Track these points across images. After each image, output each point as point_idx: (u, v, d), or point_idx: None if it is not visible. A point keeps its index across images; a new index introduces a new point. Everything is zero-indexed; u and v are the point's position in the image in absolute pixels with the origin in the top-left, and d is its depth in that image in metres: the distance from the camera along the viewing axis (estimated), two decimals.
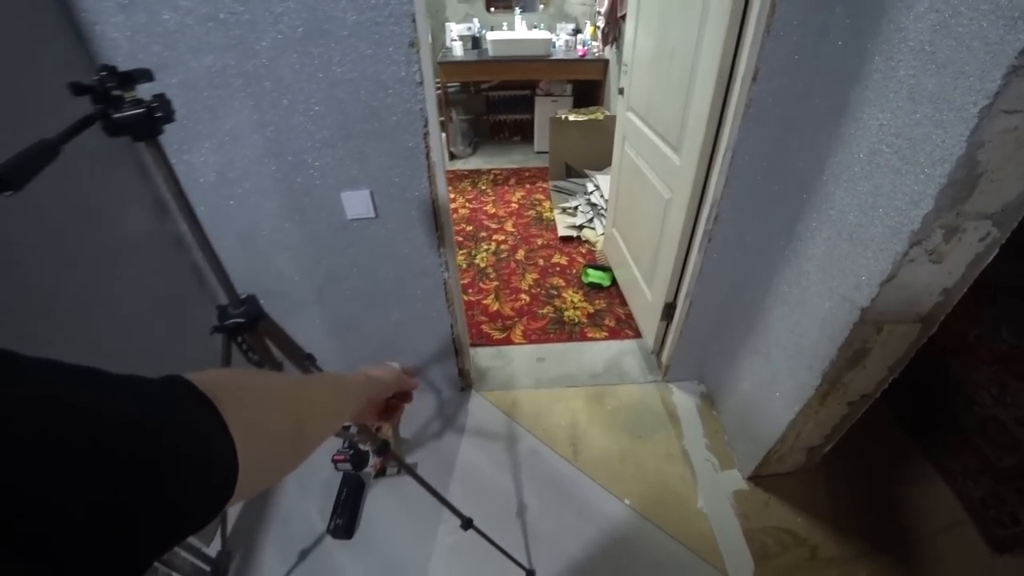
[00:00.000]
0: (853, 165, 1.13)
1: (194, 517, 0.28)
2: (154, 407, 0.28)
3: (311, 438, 0.45)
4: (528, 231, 3.09)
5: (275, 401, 0.42)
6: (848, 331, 1.20)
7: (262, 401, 0.40)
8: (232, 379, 0.38)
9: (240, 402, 0.35)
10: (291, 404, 0.44)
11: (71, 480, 0.21)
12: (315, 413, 0.47)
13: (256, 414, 0.38)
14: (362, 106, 1.16)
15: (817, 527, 1.60)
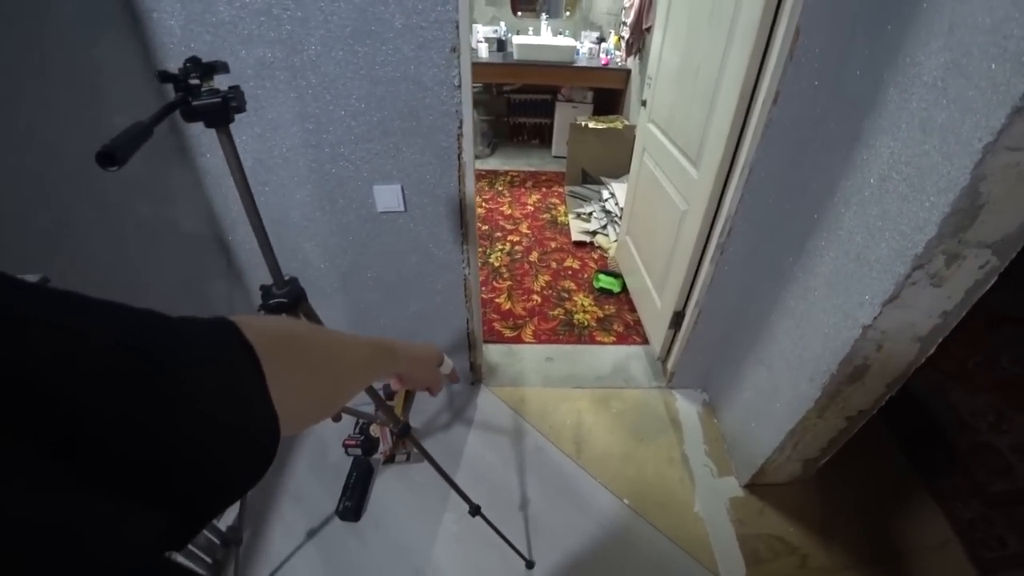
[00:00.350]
0: (863, 189, 1.19)
1: (232, 482, 0.29)
2: (200, 355, 0.28)
3: (343, 399, 0.48)
4: (542, 234, 3.16)
5: (320, 361, 0.42)
6: (850, 347, 1.25)
7: (308, 361, 0.40)
8: (282, 332, 0.38)
9: (286, 359, 0.36)
10: (334, 366, 0.44)
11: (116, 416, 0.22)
12: (353, 376, 0.48)
13: (300, 374, 0.38)
14: (401, 104, 1.23)
15: (809, 537, 1.65)
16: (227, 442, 0.28)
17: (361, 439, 1.77)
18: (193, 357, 0.27)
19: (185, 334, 0.28)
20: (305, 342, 0.41)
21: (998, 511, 1.77)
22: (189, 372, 0.27)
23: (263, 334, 0.33)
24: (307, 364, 0.40)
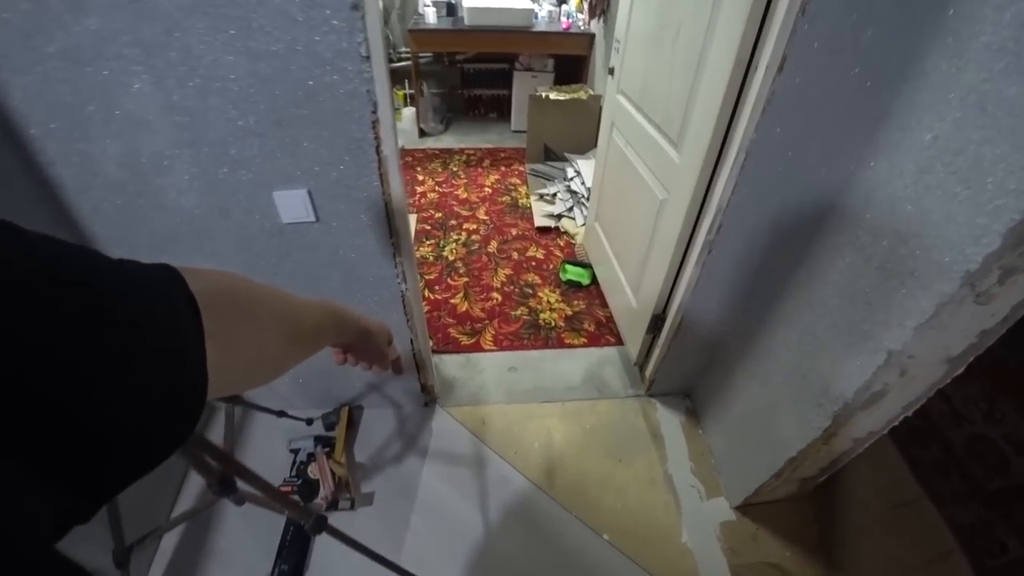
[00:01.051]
0: (893, 181, 0.94)
1: (146, 450, 0.25)
2: (141, 297, 0.26)
3: (289, 363, 0.44)
4: (502, 219, 2.86)
5: (267, 320, 0.40)
6: (870, 375, 1.03)
7: (253, 319, 0.38)
8: (230, 286, 0.36)
9: (230, 316, 0.34)
10: (282, 327, 0.42)
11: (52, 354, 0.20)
12: (301, 340, 0.46)
13: (243, 332, 0.36)
14: (294, 85, 0.91)
15: (806, 561, 1.48)
16: (148, 403, 0.25)
17: (298, 483, 1.49)
18: (129, 301, 0.25)
19: (124, 275, 0.26)
20: (251, 299, 0.39)
21: (997, 512, 1.66)
22: (122, 316, 0.24)
23: (208, 286, 0.31)
24: (252, 322, 0.38)
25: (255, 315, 0.38)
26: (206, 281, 0.32)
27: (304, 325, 0.47)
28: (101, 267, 0.25)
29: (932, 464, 1.77)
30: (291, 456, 1.57)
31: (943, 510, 1.63)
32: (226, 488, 0.85)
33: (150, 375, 0.25)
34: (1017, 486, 1.73)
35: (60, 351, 0.20)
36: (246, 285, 0.39)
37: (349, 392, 1.69)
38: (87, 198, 1.06)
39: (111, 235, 1.14)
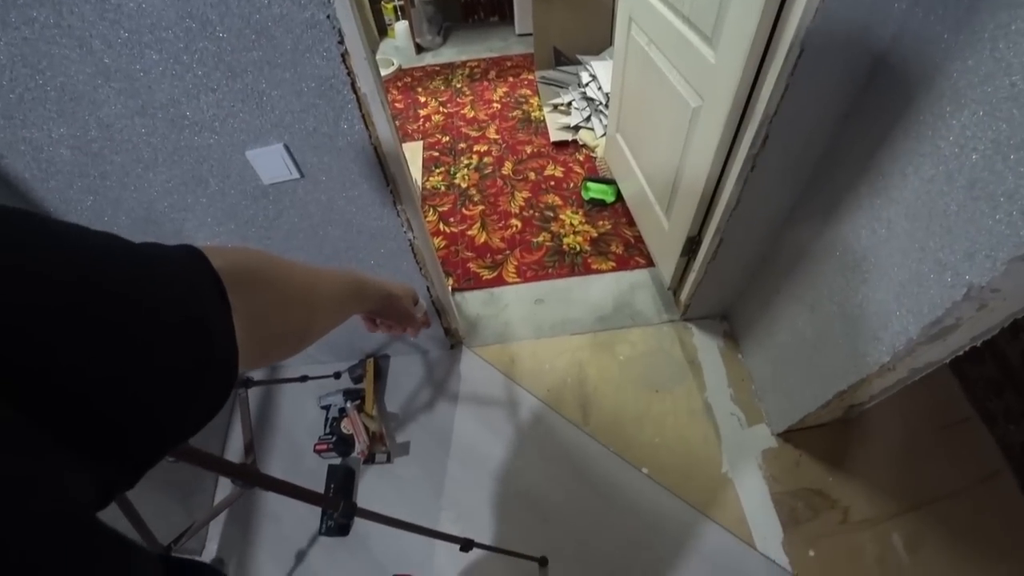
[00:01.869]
0: (995, 78, 0.74)
1: (182, 422, 0.27)
2: (166, 286, 0.27)
3: (315, 333, 0.45)
4: (515, 137, 2.63)
5: (289, 293, 0.41)
6: (943, 310, 0.89)
7: (276, 293, 0.39)
8: (251, 262, 0.36)
9: (253, 290, 0.34)
10: (305, 299, 0.43)
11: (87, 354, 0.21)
12: (326, 311, 0.47)
13: (267, 306, 0.37)
14: (240, 23, 0.75)
15: (850, 486, 1.44)
16: (183, 378, 0.26)
17: (333, 440, 1.50)
18: (156, 284, 0.26)
19: (146, 257, 0.27)
20: (274, 273, 0.39)
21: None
22: (150, 299, 0.25)
23: (231, 263, 0.32)
24: (277, 295, 0.39)
25: (279, 288, 0.39)
26: (228, 258, 0.33)
27: (327, 296, 0.47)
28: (119, 251, 0.25)
29: (985, 382, 1.64)
30: (323, 413, 1.57)
31: (994, 430, 1.54)
32: (248, 483, 0.81)
33: (178, 351, 0.26)
34: None
35: (82, 333, 0.21)
36: (268, 259, 0.39)
37: (373, 343, 1.65)
38: (52, 188, 0.96)
39: (91, 223, 1.04)
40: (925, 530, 1.35)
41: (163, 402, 0.25)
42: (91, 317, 0.21)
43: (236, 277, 0.32)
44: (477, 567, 1.35)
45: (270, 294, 0.37)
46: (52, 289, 0.20)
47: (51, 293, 0.20)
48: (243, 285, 0.33)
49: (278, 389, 1.66)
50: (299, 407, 1.64)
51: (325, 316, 0.46)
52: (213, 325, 0.29)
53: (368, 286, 0.56)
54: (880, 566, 1.30)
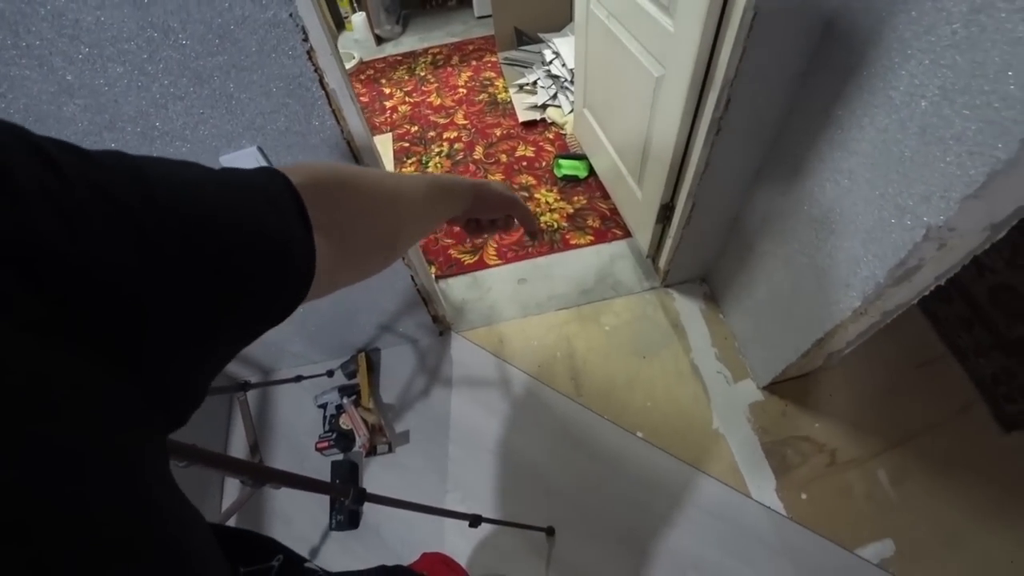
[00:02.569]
0: (938, 27, 0.78)
1: (269, 308, 0.29)
2: (247, 203, 0.28)
3: (406, 238, 0.45)
4: (483, 121, 2.63)
5: (373, 202, 0.40)
6: (905, 252, 0.94)
7: (362, 201, 0.39)
8: (333, 175, 0.37)
9: (335, 201, 0.35)
10: (392, 203, 0.42)
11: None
12: (414, 214, 0.46)
13: (355, 216, 0.38)
14: (202, 28, 0.75)
15: (835, 430, 1.51)
16: (266, 284, 0.29)
17: (333, 437, 1.52)
18: (242, 204, 0.28)
19: (225, 179, 0.28)
20: (354, 181, 0.39)
21: (1018, 359, 1.64)
22: (236, 216, 0.27)
23: (310, 178, 0.33)
24: (359, 204, 0.39)
25: (361, 195, 0.39)
26: (306, 173, 0.33)
27: (412, 197, 0.46)
28: (199, 176, 0.27)
29: (955, 319, 1.73)
30: (320, 412, 1.58)
31: (966, 364, 1.62)
32: (259, 481, 0.83)
33: (261, 263, 0.28)
34: None
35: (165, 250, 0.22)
36: (347, 169, 0.39)
37: (362, 337, 1.66)
38: None
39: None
40: (908, 464, 1.43)
41: (249, 300, 0.27)
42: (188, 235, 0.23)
43: (316, 190, 0.33)
44: (487, 542, 1.40)
45: (353, 202, 0.38)
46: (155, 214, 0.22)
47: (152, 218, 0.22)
48: (324, 196, 0.34)
49: (273, 392, 1.68)
50: (296, 408, 1.65)
51: (415, 220, 0.46)
52: (293, 237, 0.30)
53: (455, 182, 0.54)
54: (869, 501, 1.38)
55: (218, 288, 0.25)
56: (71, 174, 0.19)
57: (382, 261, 0.44)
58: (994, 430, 1.49)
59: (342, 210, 0.36)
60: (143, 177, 0.23)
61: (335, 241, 0.33)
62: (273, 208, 0.29)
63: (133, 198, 0.21)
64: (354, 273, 0.39)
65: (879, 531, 1.33)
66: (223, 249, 0.25)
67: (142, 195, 0.22)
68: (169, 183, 0.24)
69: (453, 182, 0.53)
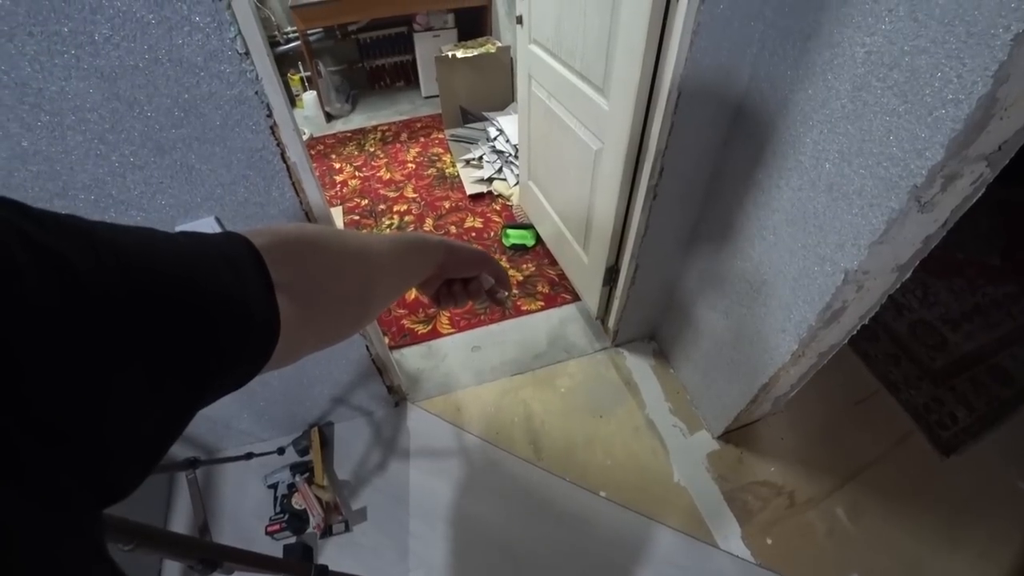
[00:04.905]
0: (830, 102, 0.92)
1: (231, 369, 0.29)
2: (202, 264, 0.28)
3: (378, 300, 0.45)
4: (432, 194, 2.73)
5: (343, 257, 0.40)
6: (830, 295, 1.04)
7: (328, 257, 0.38)
8: (298, 234, 0.37)
9: (304, 258, 0.35)
10: (359, 258, 0.42)
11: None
12: (385, 268, 0.45)
13: (321, 272, 0.37)
14: (168, 102, 0.77)
15: (790, 472, 1.56)
16: (220, 347, 0.28)
17: (285, 518, 1.41)
18: (191, 263, 0.27)
19: (181, 243, 0.28)
20: (320, 239, 0.38)
21: (944, 388, 1.81)
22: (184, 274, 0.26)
23: (272, 239, 0.33)
24: (325, 259, 0.38)
25: (327, 251, 0.38)
26: (268, 235, 0.33)
27: (381, 251, 0.45)
28: (152, 238, 0.26)
29: (884, 356, 1.88)
30: (270, 492, 1.48)
31: (899, 396, 1.76)
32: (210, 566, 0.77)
33: (216, 322, 0.27)
34: (956, 360, 1.88)
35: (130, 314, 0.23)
36: (312, 228, 0.40)
37: (315, 411, 1.60)
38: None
39: None
40: (862, 498, 1.50)
41: (207, 361, 0.27)
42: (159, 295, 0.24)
43: (278, 249, 0.33)
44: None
45: (319, 259, 0.37)
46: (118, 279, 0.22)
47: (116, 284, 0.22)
48: (288, 255, 0.33)
49: (217, 473, 1.55)
50: (243, 488, 1.53)
51: (385, 275, 0.45)
52: (251, 297, 0.30)
53: (425, 237, 0.53)
54: (831, 538, 1.42)
55: (172, 349, 0.24)
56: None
57: (353, 321, 0.43)
58: (934, 456, 1.60)
59: (307, 268, 0.36)
60: (92, 239, 0.23)
61: (301, 301, 0.33)
62: (230, 267, 0.29)
63: (78, 257, 0.21)
64: (325, 334, 0.39)
65: (844, 567, 1.37)
66: (177, 309, 0.25)
67: (90, 256, 0.22)
68: (119, 244, 0.24)
69: (422, 236, 0.53)
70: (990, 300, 2.11)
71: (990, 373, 1.84)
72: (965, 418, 1.70)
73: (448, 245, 0.54)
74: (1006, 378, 1.82)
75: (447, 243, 0.54)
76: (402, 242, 0.49)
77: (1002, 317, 2.04)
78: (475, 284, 0.59)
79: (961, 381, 1.81)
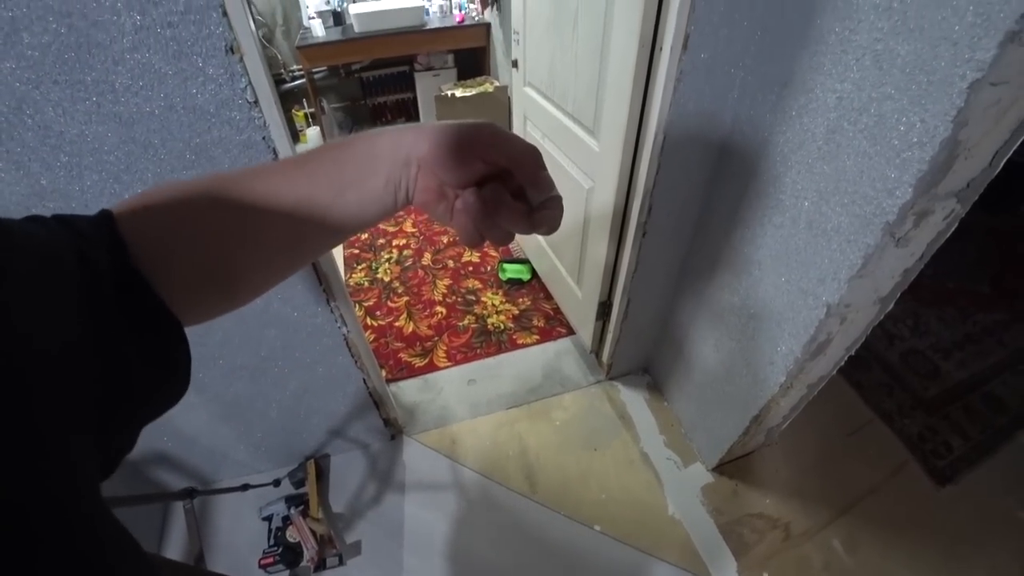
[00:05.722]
0: (807, 144, 0.97)
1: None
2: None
3: (243, 281, 0.36)
4: (430, 229, 2.79)
5: (196, 224, 0.32)
6: (814, 328, 1.07)
7: (181, 224, 0.32)
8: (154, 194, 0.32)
9: (158, 232, 0.31)
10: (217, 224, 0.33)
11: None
12: (263, 229, 0.34)
13: (177, 246, 0.32)
14: (180, 146, 0.82)
15: (785, 504, 1.56)
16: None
17: (279, 551, 1.40)
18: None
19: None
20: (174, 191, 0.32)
21: (938, 416, 1.82)
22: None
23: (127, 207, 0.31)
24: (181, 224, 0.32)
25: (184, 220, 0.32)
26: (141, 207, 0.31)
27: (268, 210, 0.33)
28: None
29: (877, 386, 1.90)
30: (265, 524, 1.47)
31: (893, 425, 1.77)
32: None
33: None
34: (949, 389, 1.90)
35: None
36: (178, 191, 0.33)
37: (311, 443, 1.60)
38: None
39: None
40: (858, 530, 1.49)
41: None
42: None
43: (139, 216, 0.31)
44: None
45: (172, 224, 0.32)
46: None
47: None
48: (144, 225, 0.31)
49: (212, 504, 1.55)
50: (238, 521, 1.52)
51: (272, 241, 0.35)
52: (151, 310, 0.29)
53: (377, 134, 0.35)
54: (828, 572, 1.41)
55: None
56: None
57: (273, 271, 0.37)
58: (929, 486, 1.60)
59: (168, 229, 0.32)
60: None
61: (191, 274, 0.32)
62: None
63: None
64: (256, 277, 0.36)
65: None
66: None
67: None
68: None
69: (364, 136, 0.36)
70: (981, 328, 2.14)
71: (983, 401, 1.85)
72: (960, 447, 1.71)
73: (432, 129, 0.34)
74: (1000, 405, 1.84)
75: (428, 128, 0.34)
76: (314, 153, 0.35)
77: (993, 345, 2.07)
78: (491, 189, 0.34)
79: (955, 409, 1.82)
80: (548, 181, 0.34)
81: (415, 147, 0.34)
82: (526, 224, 0.35)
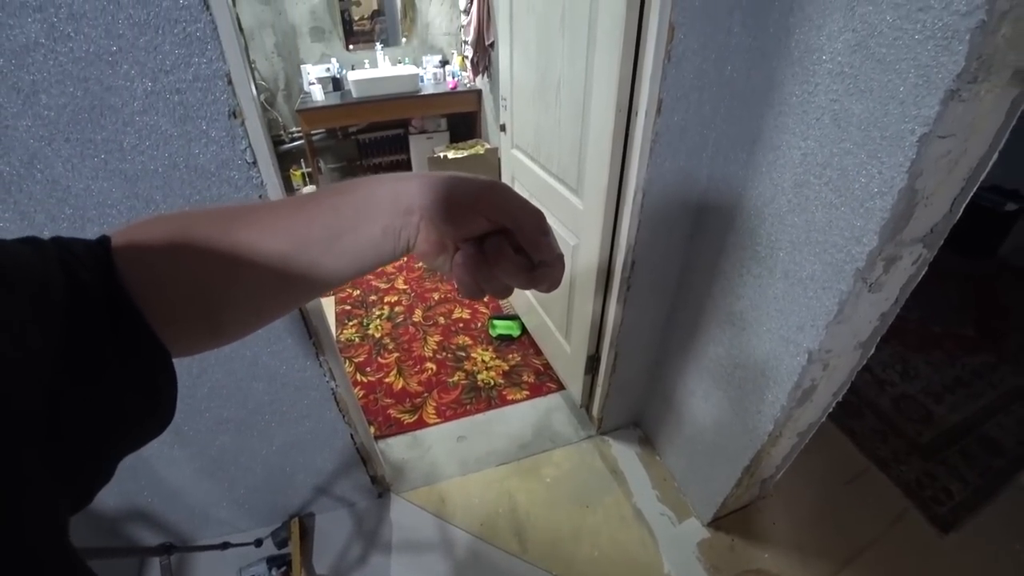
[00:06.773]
0: (777, 198, 1.03)
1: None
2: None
3: (233, 321, 0.35)
4: (422, 286, 2.82)
5: (190, 260, 0.32)
6: (797, 375, 1.09)
7: (175, 258, 0.32)
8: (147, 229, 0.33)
9: (150, 262, 0.32)
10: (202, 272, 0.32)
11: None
12: (256, 268, 0.33)
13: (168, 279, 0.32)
14: (181, 202, 0.86)
15: (784, 558, 1.52)
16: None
17: None
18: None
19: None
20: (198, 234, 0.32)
21: (935, 461, 1.80)
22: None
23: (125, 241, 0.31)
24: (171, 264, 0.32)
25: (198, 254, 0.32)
26: (135, 241, 0.32)
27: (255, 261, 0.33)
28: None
29: (870, 432, 1.89)
30: None
31: (889, 473, 1.74)
32: None
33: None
34: (943, 433, 1.89)
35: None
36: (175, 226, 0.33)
37: (296, 501, 1.55)
38: None
39: None
40: None
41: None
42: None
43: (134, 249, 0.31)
44: None
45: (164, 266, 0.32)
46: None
47: None
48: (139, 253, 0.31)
49: (188, 565, 1.47)
50: None
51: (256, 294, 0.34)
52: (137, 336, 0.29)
53: (375, 181, 0.35)
54: None
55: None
56: None
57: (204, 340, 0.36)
58: (932, 534, 1.56)
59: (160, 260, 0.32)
60: None
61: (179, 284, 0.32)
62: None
63: None
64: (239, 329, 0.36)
65: None
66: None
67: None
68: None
69: (358, 183, 0.35)
70: (970, 371, 2.16)
71: (979, 444, 1.84)
72: (960, 492, 1.68)
73: (437, 181, 0.34)
74: (996, 448, 1.82)
75: (432, 179, 0.34)
76: (314, 197, 0.35)
77: (983, 387, 2.08)
78: (492, 243, 0.34)
79: (951, 454, 1.80)
80: (550, 246, 0.34)
81: (419, 197, 0.33)
82: (527, 280, 0.34)
